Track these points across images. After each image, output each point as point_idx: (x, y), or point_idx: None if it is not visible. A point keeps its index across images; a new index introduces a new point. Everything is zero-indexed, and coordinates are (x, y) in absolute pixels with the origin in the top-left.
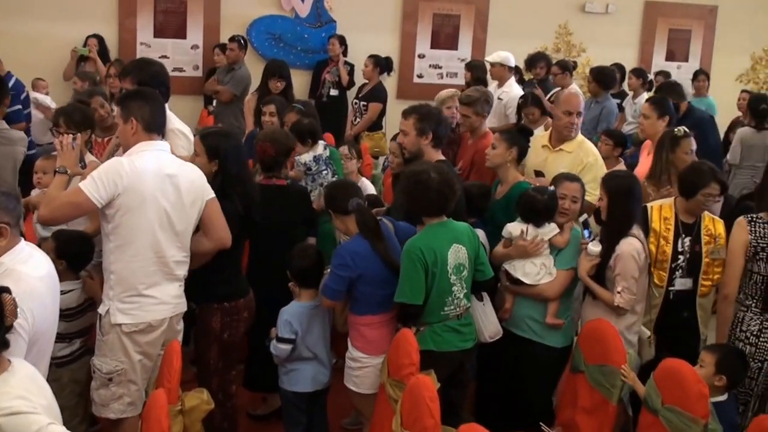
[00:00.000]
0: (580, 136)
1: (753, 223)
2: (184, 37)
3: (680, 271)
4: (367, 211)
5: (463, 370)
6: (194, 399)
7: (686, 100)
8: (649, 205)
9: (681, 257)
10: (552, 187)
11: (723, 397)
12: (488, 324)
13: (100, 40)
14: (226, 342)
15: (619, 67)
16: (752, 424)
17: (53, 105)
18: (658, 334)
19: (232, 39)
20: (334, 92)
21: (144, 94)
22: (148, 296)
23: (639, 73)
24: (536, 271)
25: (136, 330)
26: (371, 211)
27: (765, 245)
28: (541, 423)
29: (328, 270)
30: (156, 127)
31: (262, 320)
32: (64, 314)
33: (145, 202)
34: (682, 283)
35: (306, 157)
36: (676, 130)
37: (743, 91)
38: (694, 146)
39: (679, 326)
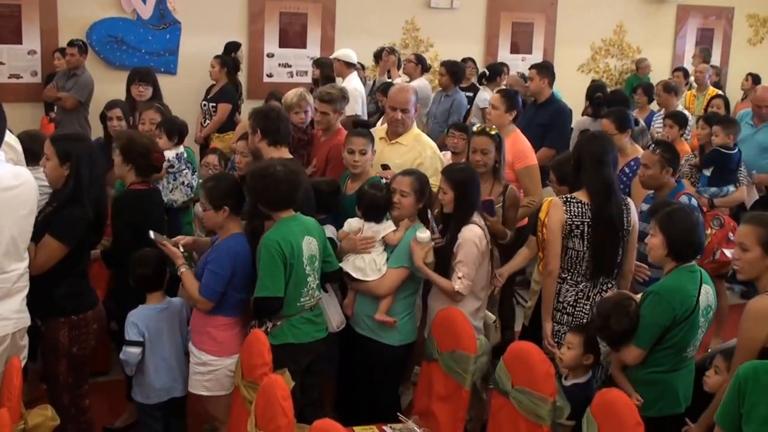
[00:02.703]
0: (416, 129)
1: (568, 203)
2: (20, 42)
3: None
4: (258, 215)
5: (320, 360)
6: (38, 416)
7: (551, 90)
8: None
9: None
10: (385, 181)
11: (588, 376)
12: (334, 314)
13: None
14: (75, 356)
15: (472, 62)
16: (596, 398)
17: None
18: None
19: (71, 43)
20: None
21: None
22: None
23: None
24: (364, 267)
25: None
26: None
27: (579, 223)
28: (398, 413)
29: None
30: None
31: None
32: None
33: None
34: None
35: (170, 154)
36: (475, 126)
37: (593, 80)
38: (486, 146)
39: None
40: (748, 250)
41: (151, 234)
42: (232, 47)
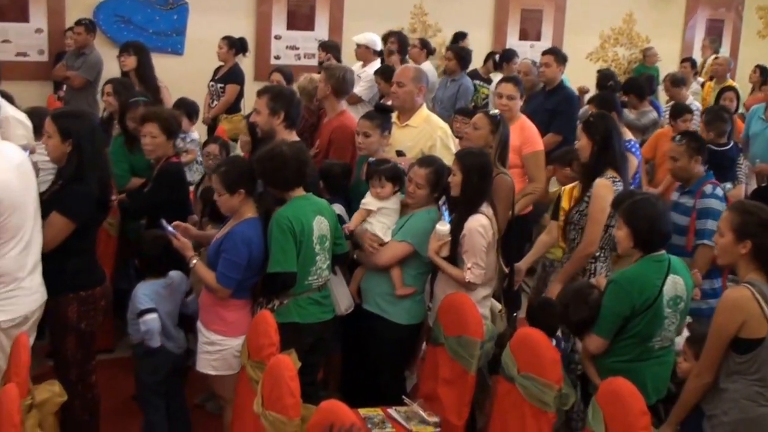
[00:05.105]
0: (425, 110)
1: (615, 184)
2: (26, 20)
3: None
4: (270, 197)
5: (323, 340)
6: (45, 392)
7: (561, 80)
8: (562, 188)
9: None
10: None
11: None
12: (342, 296)
13: None
14: (83, 332)
15: None
16: (601, 386)
17: None
18: None
19: (78, 22)
20: None
21: None
22: (24, 288)
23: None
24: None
25: (13, 325)
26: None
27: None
28: (403, 396)
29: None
30: None
31: None
32: None
33: (24, 197)
34: None
35: (196, 135)
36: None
37: (599, 70)
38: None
39: None
40: (723, 236)
41: (164, 223)
42: (460, 37)
